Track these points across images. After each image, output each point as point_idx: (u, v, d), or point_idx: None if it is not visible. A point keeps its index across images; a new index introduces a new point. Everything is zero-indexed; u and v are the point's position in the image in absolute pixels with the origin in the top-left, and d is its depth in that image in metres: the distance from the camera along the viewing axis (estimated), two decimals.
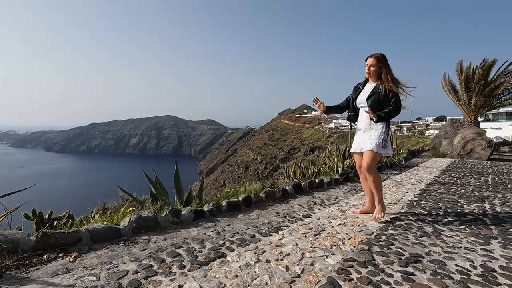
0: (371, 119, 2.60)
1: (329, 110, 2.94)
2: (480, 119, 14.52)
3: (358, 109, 2.81)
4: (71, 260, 1.76)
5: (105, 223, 2.27)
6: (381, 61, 2.64)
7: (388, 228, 2.48)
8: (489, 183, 4.96)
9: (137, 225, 2.27)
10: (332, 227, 2.50)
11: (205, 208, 2.79)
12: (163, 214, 2.47)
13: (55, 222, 2.53)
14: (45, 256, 1.78)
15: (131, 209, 2.86)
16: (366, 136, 2.69)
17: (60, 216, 2.63)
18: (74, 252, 1.86)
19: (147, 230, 2.31)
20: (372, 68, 2.67)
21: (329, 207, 3.21)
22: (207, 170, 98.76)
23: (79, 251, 1.89)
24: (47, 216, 2.53)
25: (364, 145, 2.69)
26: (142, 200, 3.27)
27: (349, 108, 2.91)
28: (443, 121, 41.36)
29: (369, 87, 2.73)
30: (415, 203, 3.43)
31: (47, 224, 2.42)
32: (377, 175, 2.71)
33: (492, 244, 2.14)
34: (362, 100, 2.74)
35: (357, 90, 2.83)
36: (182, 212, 2.58)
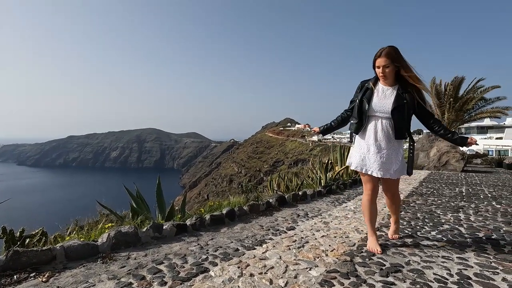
0: (401, 134, 2.11)
1: (326, 131, 2.39)
2: None
3: (368, 116, 2.18)
4: (43, 280, 1.67)
5: (82, 240, 2.17)
6: (395, 57, 2.04)
7: None
8: (463, 194, 5.18)
9: (116, 241, 2.19)
10: (316, 239, 2.52)
11: (188, 222, 2.74)
12: (144, 229, 2.40)
13: (27, 240, 2.39)
14: (15, 277, 1.68)
15: (110, 224, 2.76)
16: (387, 158, 2.10)
17: (33, 233, 2.49)
18: (47, 272, 1.76)
19: (127, 246, 2.23)
20: (387, 70, 2.06)
21: (313, 219, 3.23)
22: (190, 183, 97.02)
23: (52, 270, 1.79)
24: (18, 233, 2.39)
25: (384, 170, 2.10)
26: (122, 215, 3.16)
27: (354, 115, 2.24)
28: (420, 134, 43.22)
29: (388, 91, 2.13)
30: None
31: (18, 242, 2.29)
32: (399, 196, 2.43)
33: (467, 252, 2.22)
34: (383, 108, 2.10)
35: (367, 91, 2.18)
36: (164, 227, 2.52)
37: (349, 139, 2.48)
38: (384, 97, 2.12)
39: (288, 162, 56.97)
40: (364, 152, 2.17)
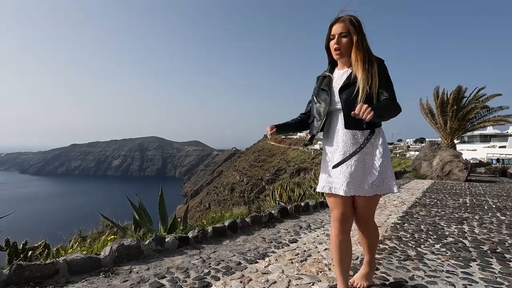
0: (356, 123, 1.52)
1: (280, 129, 1.73)
2: (456, 141, 15.26)
3: (328, 113, 1.63)
4: None
5: (84, 252, 2.18)
6: (356, 26, 1.55)
7: None
8: (467, 205, 5.13)
9: (119, 254, 2.19)
10: (318, 252, 2.50)
11: (190, 234, 2.73)
12: (146, 242, 2.40)
13: (30, 252, 2.40)
14: None
15: (112, 237, 2.77)
16: (356, 166, 1.53)
17: (36, 245, 2.50)
18: (50, 286, 1.76)
19: (129, 259, 2.23)
20: (343, 40, 1.56)
21: (315, 231, 3.21)
22: (192, 192, 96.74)
23: (55, 284, 1.79)
24: (21, 246, 2.40)
25: (354, 184, 1.52)
26: (124, 226, 3.17)
27: (312, 113, 1.71)
28: (423, 143, 43.10)
29: (344, 74, 1.62)
30: (398, 225, 3.50)
31: (21, 255, 2.29)
32: (376, 226, 1.78)
33: (471, 266, 2.20)
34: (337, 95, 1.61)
35: (324, 78, 1.71)
36: (166, 240, 2.52)
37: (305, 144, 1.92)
38: (338, 81, 1.63)
39: (290, 170, 56.80)
40: (328, 164, 1.62)
